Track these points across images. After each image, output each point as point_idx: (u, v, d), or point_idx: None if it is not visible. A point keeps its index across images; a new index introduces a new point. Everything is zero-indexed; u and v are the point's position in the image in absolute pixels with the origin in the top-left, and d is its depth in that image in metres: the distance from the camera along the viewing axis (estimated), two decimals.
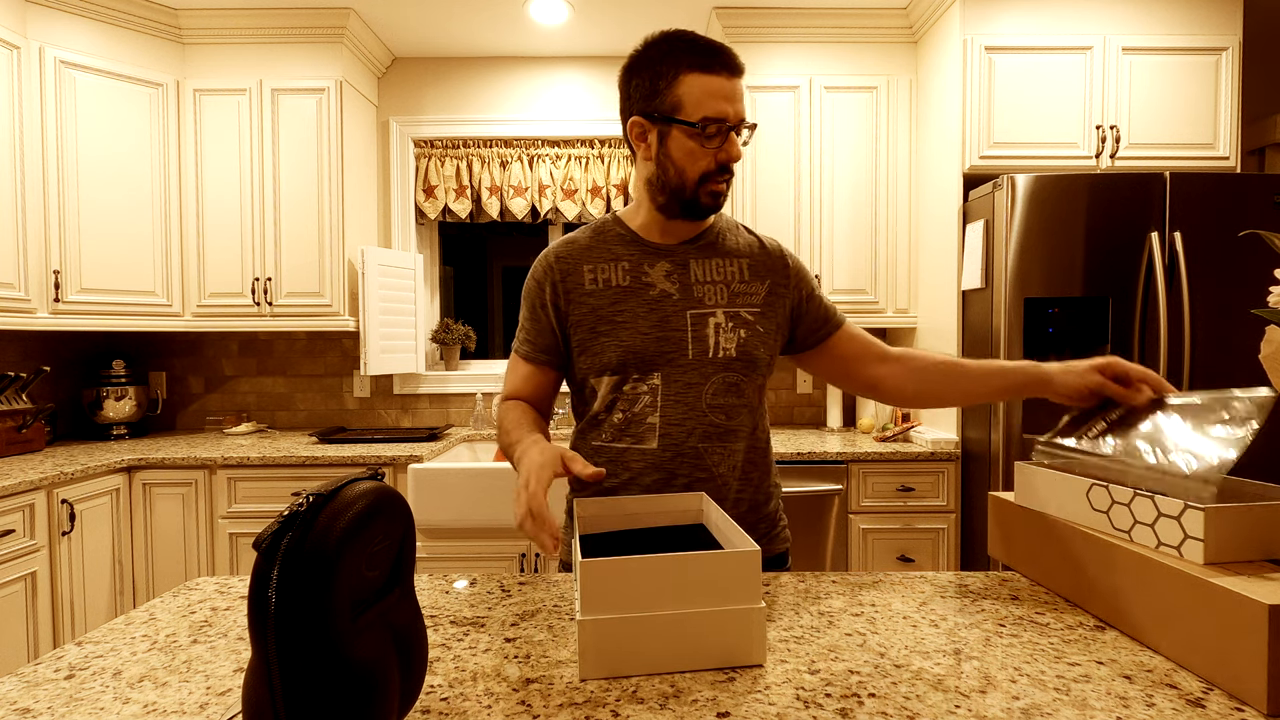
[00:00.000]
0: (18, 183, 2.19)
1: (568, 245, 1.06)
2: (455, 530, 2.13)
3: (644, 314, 1.00)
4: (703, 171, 0.95)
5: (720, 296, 1.02)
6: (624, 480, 1.01)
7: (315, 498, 0.50)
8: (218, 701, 0.61)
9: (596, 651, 0.64)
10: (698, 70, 0.93)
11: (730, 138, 0.94)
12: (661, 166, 0.97)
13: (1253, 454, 2.11)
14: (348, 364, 2.92)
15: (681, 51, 0.93)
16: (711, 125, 0.93)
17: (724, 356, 1.01)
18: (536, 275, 1.05)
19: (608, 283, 1.02)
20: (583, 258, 1.04)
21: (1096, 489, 0.78)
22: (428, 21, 2.64)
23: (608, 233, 1.06)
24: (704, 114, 0.92)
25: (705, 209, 0.99)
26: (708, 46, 0.94)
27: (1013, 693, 0.61)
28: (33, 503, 1.90)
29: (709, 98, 0.92)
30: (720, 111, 0.93)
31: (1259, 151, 2.82)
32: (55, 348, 2.66)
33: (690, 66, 0.93)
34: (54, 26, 2.30)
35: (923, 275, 2.57)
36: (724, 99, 0.93)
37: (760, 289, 1.05)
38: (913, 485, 2.25)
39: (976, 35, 2.27)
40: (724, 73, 0.93)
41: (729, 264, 1.05)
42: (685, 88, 0.93)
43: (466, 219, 2.96)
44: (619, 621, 0.64)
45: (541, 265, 1.05)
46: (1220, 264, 2.03)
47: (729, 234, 1.08)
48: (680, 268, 1.03)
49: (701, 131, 0.93)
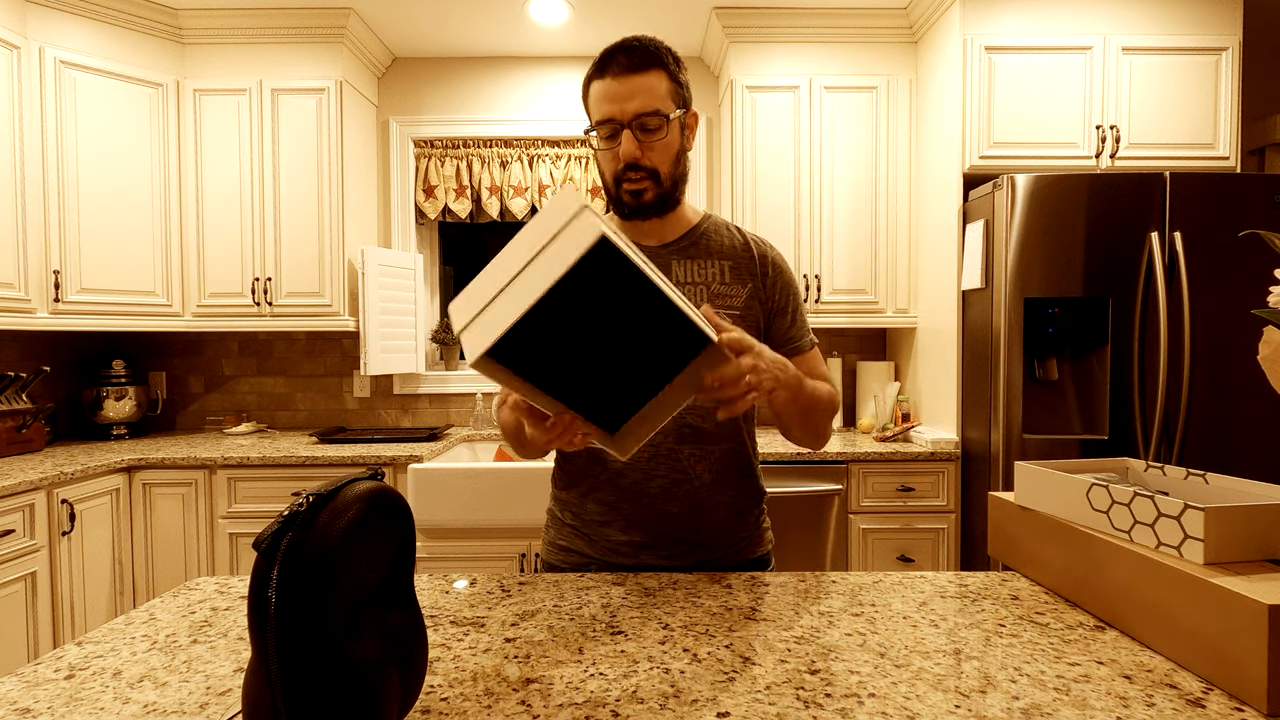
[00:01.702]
0: (18, 182, 2.19)
1: None
2: (455, 530, 2.13)
3: None
4: (614, 173, 0.99)
5: (699, 298, 1.02)
6: (601, 479, 1.02)
7: (315, 498, 0.50)
8: (218, 701, 0.61)
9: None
10: (595, 77, 0.97)
11: (624, 136, 0.95)
12: (599, 173, 1.05)
13: (1253, 454, 2.12)
14: (348, 364, 2.92)
15: (594, 64, 0.98)
16: (604, 127, 0.97)
17: None
18: None
19: None
20: None
21: (1096, 489, 0.78)
22: (428, 21, 2.64)
23: None
24: (597, 118, 0.97)
25: (629, 208, 1.00)
26: (607, 52, 0.97)
27: (1013, 693, 0.61)
28: (33, 503, 1.90)
29: (600, 101, 0.96)
30: (607, 113, 0.95)
31: (1259, 151, 2.82)
32: (55, 348, 2.66)
33: (593, 75, 0.98)
34: (54, 26, 2.30)
35: (923, 275, 2.57)
36: (610, 100, 0.95)
37: (741, 291, 1.04)
38: (913, 485, 2.25)
39: (976, 35, 2.27)
40: (610, 74, 0.95)
41: (710, 265, 1.05)
42: (591, 97, 0.99)
43: (466, 219, 2.96)
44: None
45: None
46: (1220, 264, 2.03)
47: (714, 235, 1.07)
48: (663, 267, 1.03)
49: (596, 134, 0.98)
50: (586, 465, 1.03)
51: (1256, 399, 2.02)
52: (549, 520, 1.11)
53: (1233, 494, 0.77)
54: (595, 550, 1.03)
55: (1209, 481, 0.79)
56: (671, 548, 1.01)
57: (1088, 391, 2.09)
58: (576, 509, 1.05)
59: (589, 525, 1.03)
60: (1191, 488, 0.81)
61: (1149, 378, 2.03)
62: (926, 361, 2.54)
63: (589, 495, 1.03)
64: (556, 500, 1.10)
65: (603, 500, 1.02)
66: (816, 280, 2.59)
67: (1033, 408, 2.07)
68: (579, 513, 1.04)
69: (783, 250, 2.58)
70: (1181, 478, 0.83)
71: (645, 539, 1.00)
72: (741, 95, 2.57)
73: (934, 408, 2.48)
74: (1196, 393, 2.02)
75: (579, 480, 1.04)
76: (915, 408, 2.63)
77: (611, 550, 1.02)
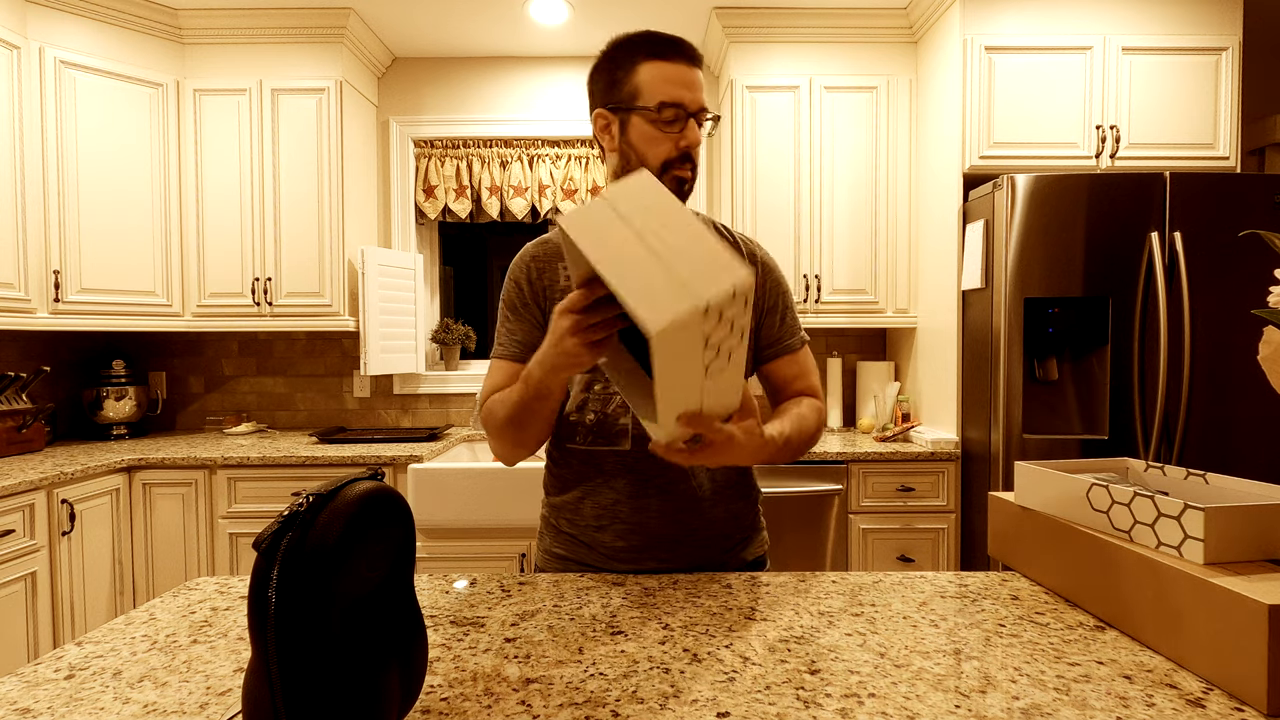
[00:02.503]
0: (18, 182, 2.19)
1: (542, 245, 1.05)
2: (455, 530, 2.13)
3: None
4: (664, 158, 0.94)
5: None
6: (596, 483, 1.01)
7: (315, 498, 0.50)
8: (218, 701, 0.61)
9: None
10: (654, 58, 0.93)
11: (690, 124, 0.94)
12: (624, 156, 0.96)
13: (1253, 453, 2.12)
14: (348, 364, 2.92)
15: (638, 44, 0.95)
16: (669, 110, 0.92)
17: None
18: (514, 275, 1.04)
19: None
20: (557, 256, 1.03)
21: (1096, 489, 0.78)
22: (428, 21, 2.64)
23: None
24: (660, 99, 0.92)
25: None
26: (663, 37, 0.94)
27: (1013, 693, 0.61)
28: (33, 503, 1.90)
29: (665, 83, 0.92)
30: (677, 97, 0.92)
31: (1259, 151, 2.82)
32: (55, 348, 2.66)
33: (647, 55, 0.93)
34: (54, 26, 2.30)
35: (923, 275, 2.57)
36: (681, 85, 0.93)
37: None
38: (913, 485, 2.25)
39: (976, 35, 2.27)
40: (680, 60, 0.93)
41: None
42: (643, 75, 0.93)
43: (466, 219, 2.96)
44: None
45: (518, 265, 1.04)
46: (1220, 264, 2.03)
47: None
48: None
49: (660, 116, 0.92)
50: (582, 469, 1.02)
51: (1256, 399, 2.02)
52: (542, 527, 1.10)
53: (1233, 494, 0.77)
54: (593, 557, 1.02)
55: (1209, 481, 0.79)
56: (673, 550, 1.00)
57: (1088, 391, 2.10)
58: (572, 515, 1.04)
59: (584, 531, 1.02)
60: (1191, 488, 0.81)
61: (1149, 378, 2.03)
62: (926, 361, 2.54)
63: (585, 499, 1.02)
64: (550, 507, 1.08)
65: (599, 504, 1.01)
66: (816, 280, 2.59)
67: (1033, 408, 2.07)
68: (574, 519, 1.03)
69: (783, 250, 2.61)
70: (1181, 478, 0.83)
71: (643, 543, 1.00)
72: (741, 95, 2.57)
73: (934, 408, 2.48)
74: (1196, 393, 2.02)
75: (574, 484, 1.03)
76: (915, 408, 2.63)
77: (609, 556, 1.01)
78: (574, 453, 1.03)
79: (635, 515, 0.99)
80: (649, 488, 0.99)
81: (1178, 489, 0.83)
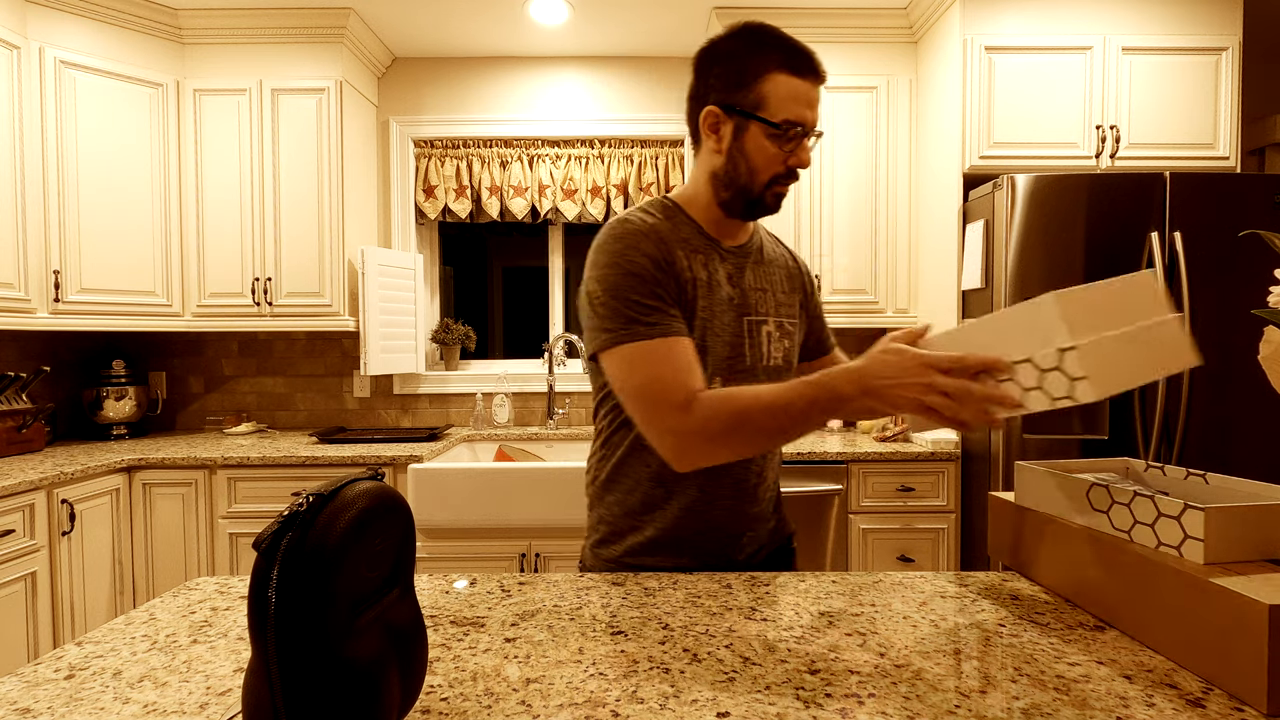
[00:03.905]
0: (18, 182, 2.19)
1: (650, 224, 0.94)
2: (455, 530, 2.13)
3: (719, 314, 0.96)
4: (774, 173, 0.93)
5: (770, 305, 1.02)
6: (675, 475, 0.96)
7: (315, 498, 0.50)
8: (218, 701, 0.61)
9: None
10: (788, 71, 0.90)
11: (804, 144, 0.93)
12: (732, 161, 0.94)
13: (1253, 454, 2.11)
14: (348, 364, 2.92)
15: (773, 48, 0.90)
16: (793, 128, 0.90)
17: (773, 365, 1.01)
18: (644, 249, 0.90)
19: (694, 274, 0.94)
20: (672, 241, 0.94)
21: (1096, 489, 0.78)
22: (428, 21, 2.64)
23: (679, 221, 0.98)
24: (786, 116, 0.90)
25: (768, 210, 0.97)
26: (799, 48, 0.91)
27: (1013, 693, 0.61)
28: (33, 503, 1.90)
29: (794, 100, 0.90)
30: (802, 116, 0.90)
31: (1259, 151, 2.82)
32: (55, 348, 2.66)
33: (781, 65, 0.90)
34: (54, 26, 2.30)
35: (923, 275, 2.57)
36: (807, 104, 0.91)
37: (794, 301, 1.07)
38: (913, 485, 2.25)
39: (976, 35, 2.27)
40: (811, 77, 0.91)
41: (773, 273, 1.05)
42: (772, 86, 0.90)
43: (466, 219, 2.96)
44: None
45: (648, 240, 0.91)
46: (1220, 264, 2.03)
47: (767, 242, 1.08)
48: (738, 271, 1.00)
49: (783, 133, 0.90)
50: (660, 466, 0.96)
51: (1256, 399, 2.02)
52: (607, 533, 1.03)
53: (1232, 494, 0.77)
54: (684, 553, 0.98)
55: (1209, 481, 0.79)
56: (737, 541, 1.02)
57: None
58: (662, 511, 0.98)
59: (679, 525, 0.98)
60: (1191, 487, 0.81)
61: None
62: None
63: (671, 499, 0.98)
64: (626, 510, 1.00)
65: (682, 504, 0.98)
66: (816, 280, 2.58)
67: None
68: (661, 521, 0.98)
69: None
70: (1181, 477, 0.83)
71: (745, 527, 1.02)
72: None
73: None
74: (1196, 393, 2.02)
75: (675, 482, 0.97)
76: None
77: (711, 552, 0.99)
78: (655, 450, 0.97)
79: (738, 504, 1.01)
80: (723, 485, 0.99)
81: (1178, 489, 0.83)
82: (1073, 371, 0.66)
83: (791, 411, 0.81)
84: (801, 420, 0.81)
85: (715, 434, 0.83)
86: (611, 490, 1.01)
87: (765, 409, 0.82)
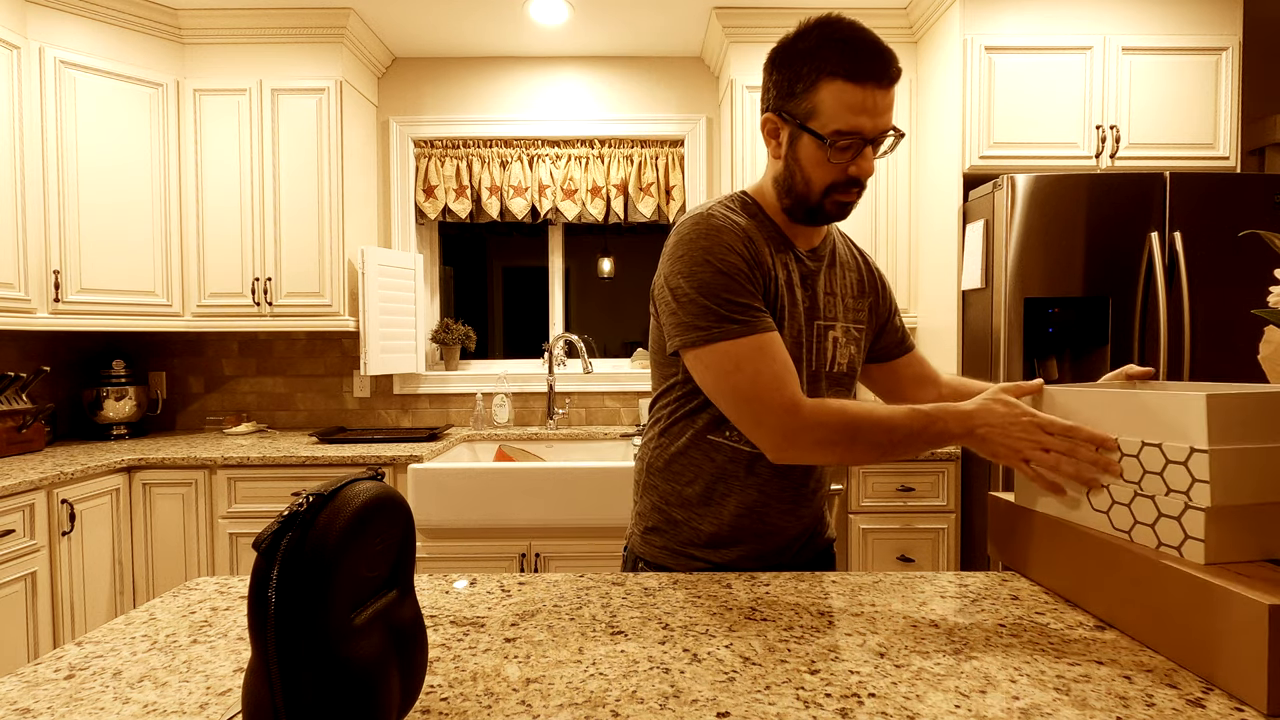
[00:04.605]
0: (18, 183, 2.19)
1: (736, 221, 0.92)
2: (455, 530, 2.13)
3: (793, 314, 0.95)
4: (830, 182, 0.90)
5: (839, 311, 1.01)
6: (737, 473, 0.97)
7: (315, 498, 0.50)
8: (218, 701, 0.61)
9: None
10: (841, 78, 0.84)
11: (865, 152, 0.87)
12: (789, 169, 0.92)
13: None
14: (348, 364, 2.92)
15: (830, 51, 0.85)
16: (842, 140, 0.86)
17: (838, 371, 1.01)
18: (733, 245, 0.89)
19: (776, 274, 0.94)
20: (759, 239, 0.93)
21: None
22: (427, 21, 2.64)
23: (761, 219, 0.97)
24: (838, 126, 0.85)
25: (830, 218, 0.94)
26: (858, 50, 0.85)
27: (1013, 693, 0.61)
28: (33, 503, 1.90)
29: (846, 110, 0.85)
30: (855, 126, 0.85)
31: (1259, 151, 2.82)
32: (55, 348, 2.66)
33: (834, 72, 0.85)
34: (54, 26, 2.30)
35: (923, 275, 2.57)
36: (863, 112, 0.85)
37: (864, 305, 1.07)
38: (913, 485, 2.25)
39: (976, 35, 2.27)
40: (870, 83, 0.85)
41: (844, 278, 1.04)
42: (824, 94, 0.85)
43: (466, 219, 2.96)
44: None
45: (735, 233, 0.90)
46: (1220, 264, 2.03)
47: (840, 246, 1.07)
48: (812, 275, 0.99)
49: (830, 145, 0.86)
50: (727, 466, 0.97)
51: None
52: (660, 520, 1.02)
53: None
54: (738, 550, 0.98)
55: None
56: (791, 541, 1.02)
57: None
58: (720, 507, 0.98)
59: (736, 523, 0.98)
60: None
61: None
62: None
63: (730, 497, 0.98)
64: (683, 501, 1.00)
65: (743, 503, 0.98)
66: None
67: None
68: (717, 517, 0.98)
69: None
70: None
71: (797, 529, 1.01)
72: (741, 95, 2.57)
73: None
74: None
75: (736, 479, 0.98)
76: None
77: (763, 553, 0.99)
78: (719, 446, 0.97)
79: (794, 502, 1.01)
80: (785, 485, 0.99)
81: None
82: (1200, 474, 0.65)
83: (897, 435, 0.85)
84: (904, 445, 0.85)
85: (823, 439, 0.85)
86: (668, 479, 1.01)
87: (876, 425, 0.85)
